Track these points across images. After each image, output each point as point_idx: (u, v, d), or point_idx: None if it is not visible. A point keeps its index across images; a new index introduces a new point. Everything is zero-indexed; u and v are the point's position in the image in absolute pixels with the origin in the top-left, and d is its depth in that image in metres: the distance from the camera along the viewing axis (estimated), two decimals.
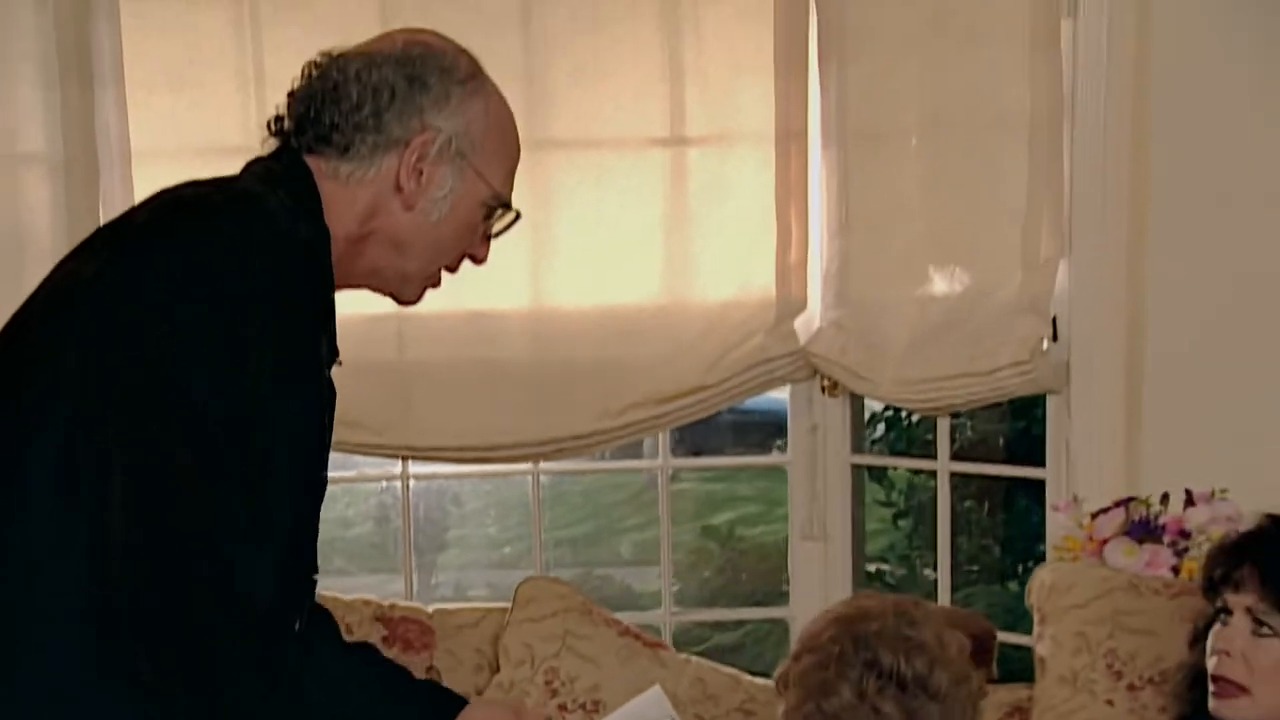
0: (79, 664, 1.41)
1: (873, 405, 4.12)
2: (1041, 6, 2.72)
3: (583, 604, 2.70)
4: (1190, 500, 2.56)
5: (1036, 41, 2.74)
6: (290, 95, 1.64)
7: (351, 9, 2.91)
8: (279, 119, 1.65)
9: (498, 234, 1.71)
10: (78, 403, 1.42)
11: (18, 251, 2.88)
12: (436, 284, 1.72)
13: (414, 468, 3.19)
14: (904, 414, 4.90)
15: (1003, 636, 2.84)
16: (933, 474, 3.21)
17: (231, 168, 1.65)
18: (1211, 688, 2.02)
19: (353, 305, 2.81)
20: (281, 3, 2.93)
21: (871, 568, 5.63)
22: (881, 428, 5.06)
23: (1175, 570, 2.50)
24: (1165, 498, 2.58)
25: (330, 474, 1.74)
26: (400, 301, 1.73)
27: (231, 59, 2.88)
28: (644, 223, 3.05)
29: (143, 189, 2.73)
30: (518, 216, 1.70)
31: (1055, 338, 2.77)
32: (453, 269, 1.71)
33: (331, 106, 1.60)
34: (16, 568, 1.42)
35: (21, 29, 2.87)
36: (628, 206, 3.04)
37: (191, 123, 2.94)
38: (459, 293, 2.88)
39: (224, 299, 1.42)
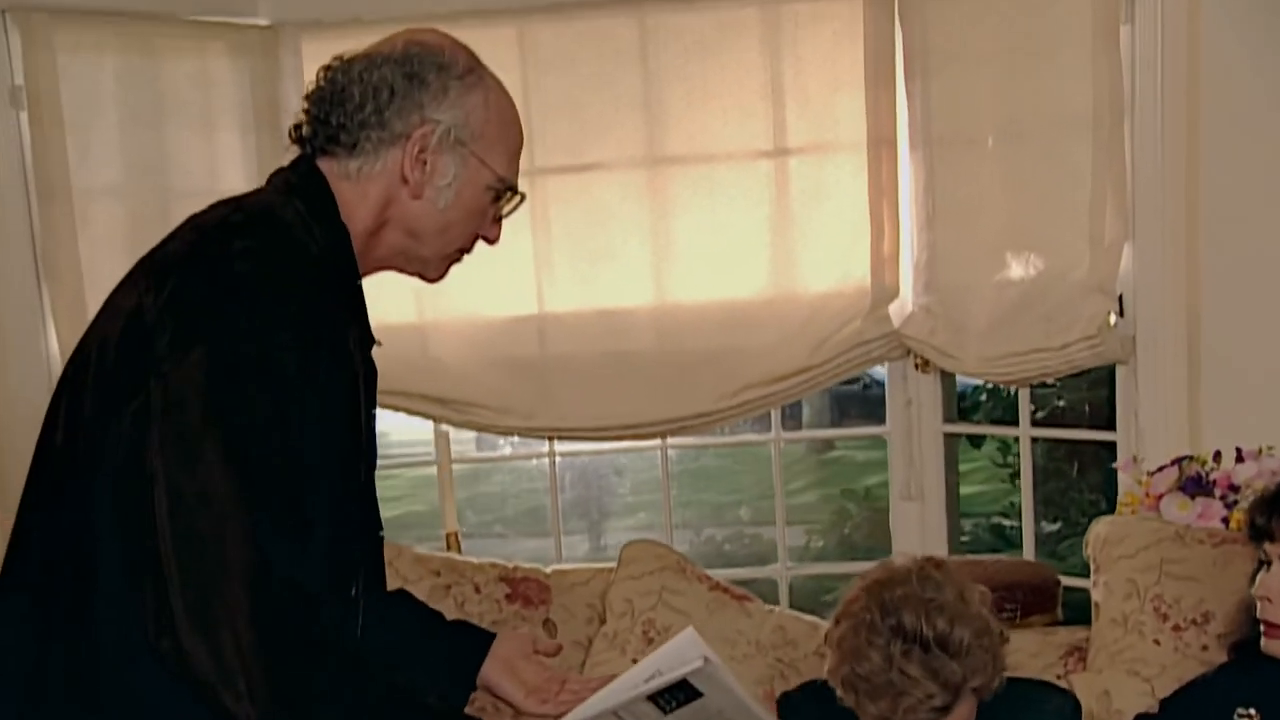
0: (150, 664, 1.45)
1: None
2: (1101, 15, 2.84)
3: (678, 563, 2.81)
4: (1240, 457, 2.69)
5: (1098, 47, 2.85)
6: (305, 99, 1.67)
7: (491, 50, 3.23)
8: (297, 126, 1.67)
9: (506, 215, 1.73)
10: (124, 427, 1.47)
11: None
12: (458, 261, 1.74)
13: (559, 446, 3.44)
14: (1003, 386, 5.04)
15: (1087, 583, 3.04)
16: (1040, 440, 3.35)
17: None
18: (1262, 628, 2.13)
19: (497, 308, 3.27)
20: None
21: (993, 523, 5.78)
22: (984, 397, 5.20)
23: (1226, 521, 2.62)
24: (1218, 455, 2.72)
25: (485, 453, 1.81)
26: (426, 279, 1.75)
27: None
28: (752, 225, 3.24)
29: None
30: (523, 198, 1.72)
31: (1121, 314, 2.92)
32: (467, 249, 1.73)
33: (338, 108, 1.62)
34: (91, 581, 1.49)
35: (223, 88, 3.24)
36: (737, 212, 3.24)
37: None
38: (591, 293, 3.33)
39: (249, 318, 1.47)
